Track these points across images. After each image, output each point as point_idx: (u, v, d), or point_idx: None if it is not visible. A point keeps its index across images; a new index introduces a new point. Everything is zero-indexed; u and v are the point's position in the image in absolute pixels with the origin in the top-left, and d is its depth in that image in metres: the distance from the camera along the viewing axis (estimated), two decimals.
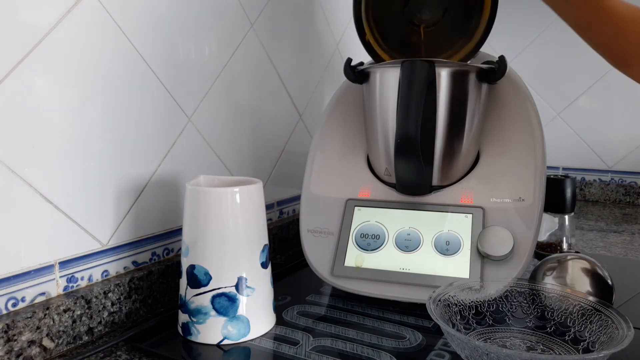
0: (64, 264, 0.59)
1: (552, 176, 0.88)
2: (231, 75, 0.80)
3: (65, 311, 0.57)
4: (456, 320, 0.56)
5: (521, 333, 0.57)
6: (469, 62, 0.73)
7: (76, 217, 0.60)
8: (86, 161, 0.60)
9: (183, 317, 0.60)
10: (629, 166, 1.35)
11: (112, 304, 0.63)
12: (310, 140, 1.00)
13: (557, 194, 0.87)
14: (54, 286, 0.58)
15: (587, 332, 0.53)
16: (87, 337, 0.60)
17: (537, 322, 0.58)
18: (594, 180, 1.39)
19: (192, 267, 0.58)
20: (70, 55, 0.57)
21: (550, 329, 0.56)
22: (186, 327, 0.59)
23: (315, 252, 0.72)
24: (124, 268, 0.66)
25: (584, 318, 0.54)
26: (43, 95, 0.55)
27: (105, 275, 0.64)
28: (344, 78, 0.77)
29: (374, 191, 0.73)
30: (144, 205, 0.68)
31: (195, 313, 0.58)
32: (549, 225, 0.89)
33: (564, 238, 0.89)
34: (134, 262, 0.67)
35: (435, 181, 0.71)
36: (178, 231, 0.73)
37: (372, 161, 0.75)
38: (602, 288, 0.60)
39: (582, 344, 0.53)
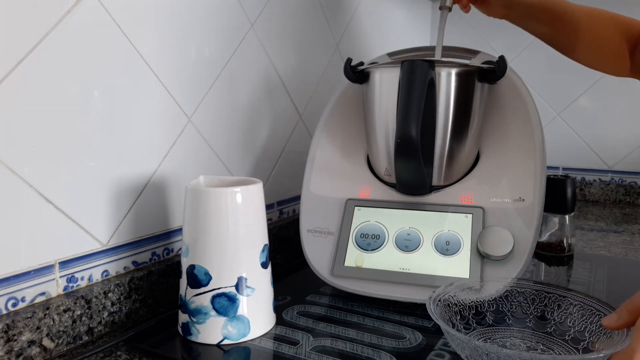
0: (64, 264, 0.59)
1: (552, 176, 0.88)
2: (231, 75, 0.80)
3: (65, 311, 0.57)
4: (456, 320, 0.56)
5: (521, 333, 0.57)
6: (469, 62, 0.73)
7: (76, 217, 0.60)
8: (86, 161, 0.60)
9: (183, 317, 0.60)
10: (629, 166, 1.35)
11: (112, 304, 0.63)
12: (310, 140, 1.00)
13: (557, 194, 0.87)
14: (54, 286, 0.58)
15: (587, 332, 0.53)
16: (87, 337, 0.60)
17: (537, 322, 0.58)
18: (594, 180, 1.39)
19: (192, 267, 0.58)
20: (70, 56, 0.57)
21: (550, 329, 0.56)
22: (186, 327, 0.59)
23: (315, 252, 0.72)
24: (124, 268, 0.66)
25: (584, 318, 0.54)
26: (43, 95, 0.55)
27: (105, 275, 0.64)
28: (344, 78, 0.77)
29: (374, 191, 0.73)
30: (144, 205, 0.68)
31: (195, 313, 0.58)
32: (549, 225, 0.89)
33: (564, 238, 0.89)
34: (134, 262, 0.67)
35: (435, 181, 0.71)
36: (178, 231, 0.73)
37: (372, 161, 0.75)
38: None
39: (582, 343, 0.53)
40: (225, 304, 0.58)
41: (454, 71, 0.67)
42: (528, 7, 0.75)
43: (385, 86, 0.69)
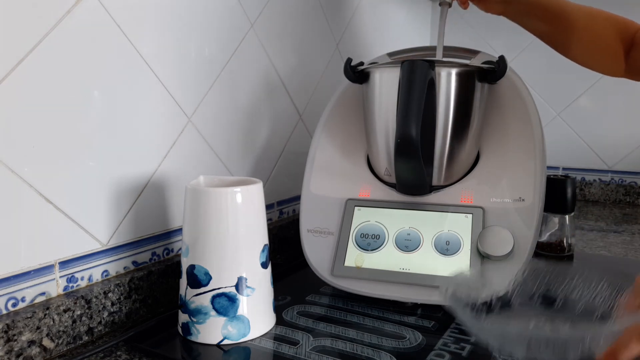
0: (64, 264, 0.59)
1: (552, 176, 0.88)
2: (231, 75, 0.80)
3: (65, 311, 0.57)
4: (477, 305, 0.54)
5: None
6: (469, 62, 0.73)
7: (76, 217, 0.60)
8: (86, 161, 0.60)
9: (183, 317, 0.60)
10: (629, 166, 1.35)
11: (112, 304, 0.63)
12: (310, 140, 1.00)
13: (557, 194, 0.87)
14: (54, 286, 0.58)
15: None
16: (87, 337, 0.60)
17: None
18: (594, 180, 1.39)
19: (192, 267, 0.58)
20: (70, 56, 0.57)
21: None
22: (186, 327, 0.59)
23: (315, 252, 0.72)
24: (124, 268, 0.66)
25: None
26: (43, 95, 0.55)
27: (105, 275, 0.64)
28: (344, 78, 0.77)
29: (374, 191, 0.73)
30: (144, 205, 0.68)
31: (195, 313, 0.58)
32: (549, 225, 0.89)
33: (564, 238, 0.89)
34: (134, 262, 0.67)
35: (435, 181, 0.71)
36: (178, 231, 0.73)
37: (372, 161, 0.75)
38: None
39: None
40: (225, 304, 0.58)
41: (454, 71, 0.67)
42: (526, 3, 0.75)
43: (385, 86, 0.69)
